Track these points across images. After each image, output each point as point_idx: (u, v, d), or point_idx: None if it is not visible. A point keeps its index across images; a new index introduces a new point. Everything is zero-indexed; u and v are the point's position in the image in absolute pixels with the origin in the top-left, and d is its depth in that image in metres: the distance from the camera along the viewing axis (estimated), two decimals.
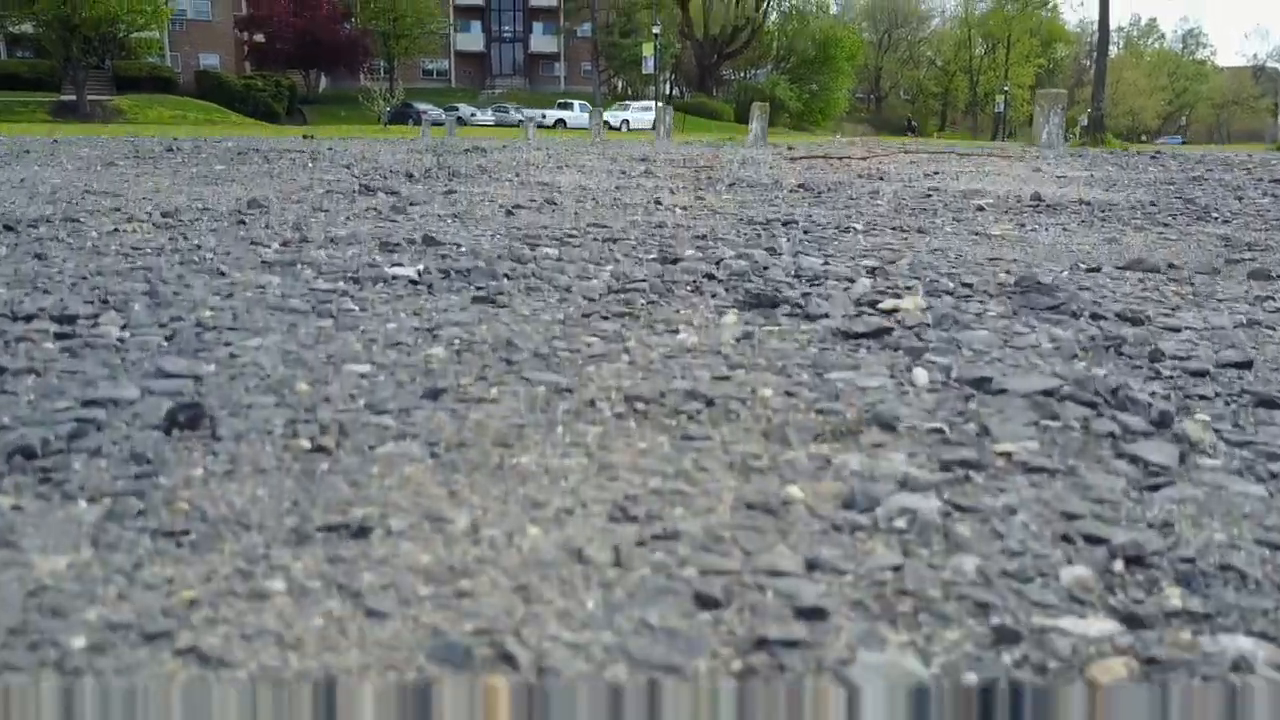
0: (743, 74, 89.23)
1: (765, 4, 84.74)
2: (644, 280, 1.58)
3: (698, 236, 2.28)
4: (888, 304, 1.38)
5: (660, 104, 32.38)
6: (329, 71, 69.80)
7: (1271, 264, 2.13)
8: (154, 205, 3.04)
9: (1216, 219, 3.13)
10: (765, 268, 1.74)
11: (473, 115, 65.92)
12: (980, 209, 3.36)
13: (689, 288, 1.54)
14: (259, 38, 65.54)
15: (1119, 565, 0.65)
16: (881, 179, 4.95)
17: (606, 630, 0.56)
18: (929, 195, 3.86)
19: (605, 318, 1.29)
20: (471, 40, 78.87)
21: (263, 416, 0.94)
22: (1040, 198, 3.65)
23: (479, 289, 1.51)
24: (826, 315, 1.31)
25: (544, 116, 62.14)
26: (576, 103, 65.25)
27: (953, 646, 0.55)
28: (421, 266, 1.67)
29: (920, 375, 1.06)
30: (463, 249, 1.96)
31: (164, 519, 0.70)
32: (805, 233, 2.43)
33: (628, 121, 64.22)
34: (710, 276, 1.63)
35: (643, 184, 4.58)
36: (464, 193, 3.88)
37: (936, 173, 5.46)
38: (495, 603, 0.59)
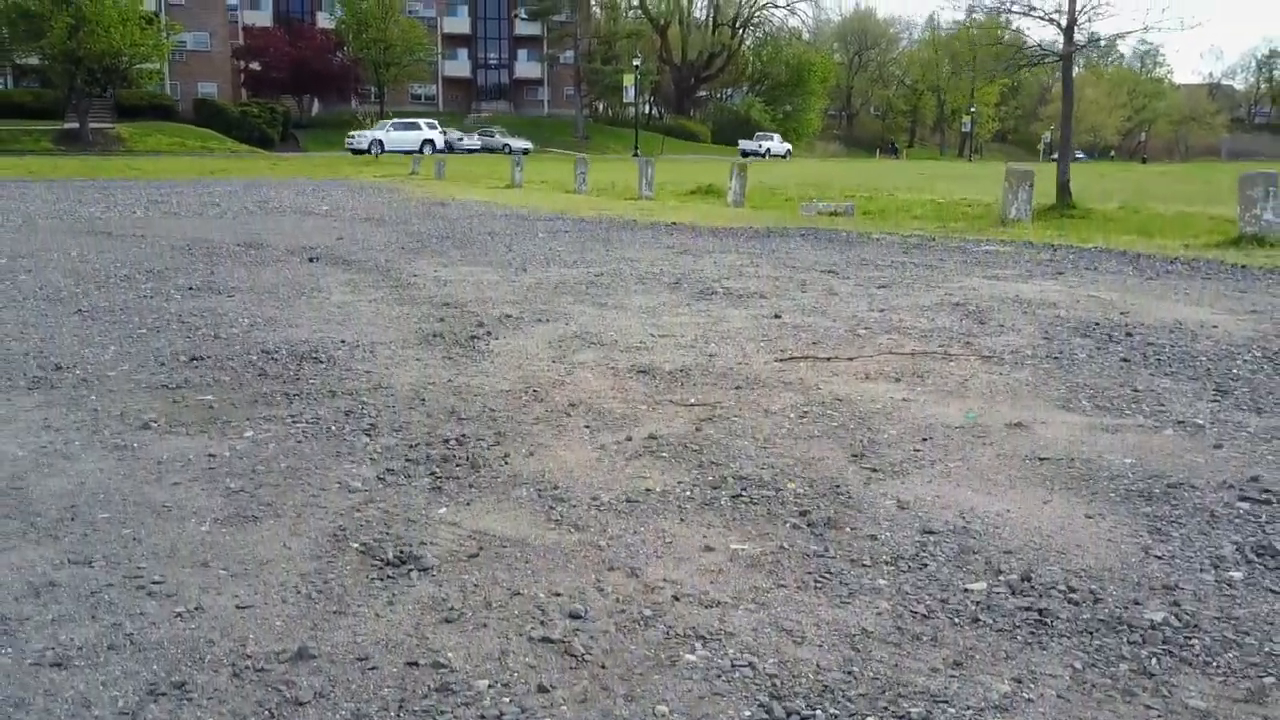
0: (719, 96, 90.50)
1: (740, 31, 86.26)
2: None
3: None
4: None
5: (639, 156, 32.77)
6: (322, 97, 70.49)
7: None
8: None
9: (1197, 652, 3.33)
10: None
11: (459, 140, 66.44)
12: (977, 620, 3.59)
13: None
14: (255, 66, 66.24)
15: None
16: (875, 469, 5.23)
17: None
18: (922, 549, 4.15)
19: None
20: (459, 67, 79.92)
21: None
22: (1030, 580, 3.91)
23: None
24: None
25: (352, 137, 55.11)
26: (385, 122, 59.65)
27: None
28: None
29: None
30: None
31: None
32: None
33: (380, 143, 57.09)
34: None
35: (650, 485, 4.76)
36: (489, 556, 3.94)
37: (925, 440, 5.73)
38: None
